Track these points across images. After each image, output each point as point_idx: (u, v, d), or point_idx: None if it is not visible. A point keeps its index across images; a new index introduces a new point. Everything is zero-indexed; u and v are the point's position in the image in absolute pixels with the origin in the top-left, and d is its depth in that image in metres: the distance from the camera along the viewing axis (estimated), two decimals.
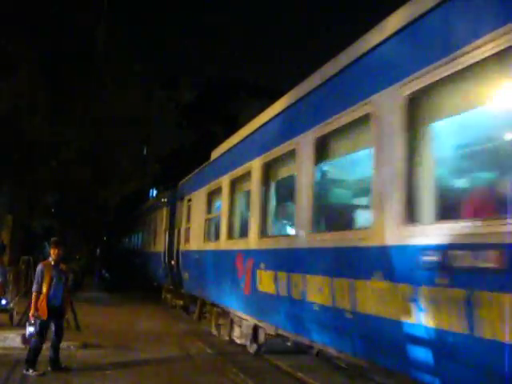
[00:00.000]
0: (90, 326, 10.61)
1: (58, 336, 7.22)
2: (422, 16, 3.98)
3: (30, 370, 6.85)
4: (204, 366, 7.82)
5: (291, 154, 6.14)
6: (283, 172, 6.94)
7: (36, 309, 7.03)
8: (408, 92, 4.01)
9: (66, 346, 8.31)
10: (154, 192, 28.34)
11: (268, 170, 7.11)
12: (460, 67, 3.49)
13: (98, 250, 28.74)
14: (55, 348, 7.19)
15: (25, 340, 8.20)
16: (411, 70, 3.99)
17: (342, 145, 5.47)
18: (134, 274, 22.48)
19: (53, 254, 7.38)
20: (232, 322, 8.84)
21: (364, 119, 4.65)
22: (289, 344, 7.63)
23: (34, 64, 17.22)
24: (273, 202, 7.24)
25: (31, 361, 6.94)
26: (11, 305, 10.69)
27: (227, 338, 9.24)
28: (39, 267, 7.27)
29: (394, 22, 4.42)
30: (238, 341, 8.60)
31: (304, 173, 5.75)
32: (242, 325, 8.23)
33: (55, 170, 19.16)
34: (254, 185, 7.42)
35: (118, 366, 7.48)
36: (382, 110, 4.37)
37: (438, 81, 3.72)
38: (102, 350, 8.55)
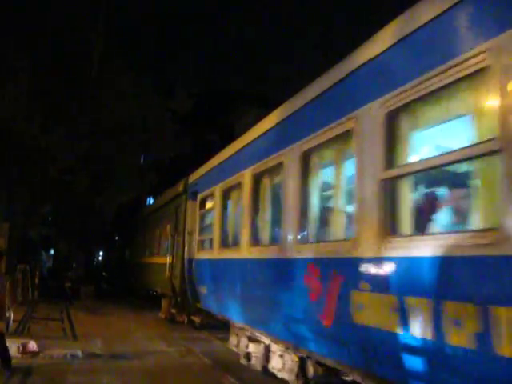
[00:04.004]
0: (87, 335, 10.62)
1: None
2: None
3: None
4: (201, 374, 7.86)
5: None
6: None
7: None
8: None
9: (62, 354, 8.36)
10: (151, 200, 28.35)
11: None
12: None
13: (95, 259, 28.71)
14: None
15: (23, 350, 8.22)
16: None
17: None
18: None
19: None
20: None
21: None
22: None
23: (31, 70, 17.36)
24: None
25: None
26: (8, 313, 10.69)
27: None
28: None
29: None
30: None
31: None
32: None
33: (53, 177, 19.22)
34: None
35: (114, 375, 7.49)
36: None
37: None
38: (99, 359, 8.56)
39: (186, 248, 11.38)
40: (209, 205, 10.11)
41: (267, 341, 6.81)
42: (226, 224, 8.73)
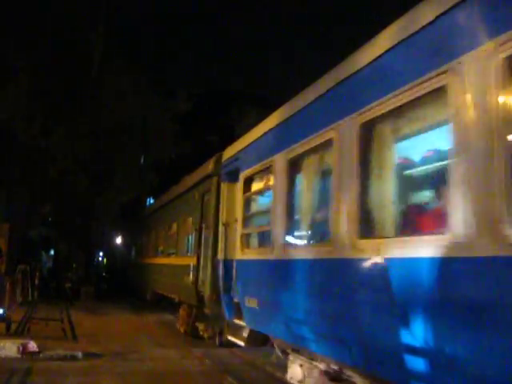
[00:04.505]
0: (87, 336, 10.60)
1: None
2: None
3: None
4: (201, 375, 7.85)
5: None
6: None
7: None
8: None
9: (62, 355, 8.35)
10: (151, 201, 28.33)
11: None
12: None
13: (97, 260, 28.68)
14: None
15: (23, 350, 8.21)
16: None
17: None
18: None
19: None
20: None
21: None
22: None
23: (31, 70, 17.37)
24: None
25: None
26: (8, 314, 10.69)
27: None
28: None
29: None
30: None
31: None
32: None
33: (53, 177, 19.21)
34: None
35: (114, 376, 7.48)
36: None
37: None
38: (99, 360, 8.54)
39: (220, 245, 8.74)
40: (260, 185, 7.45)
41: (361, 382, 4.60)
42: (296, 209, 6.04)
